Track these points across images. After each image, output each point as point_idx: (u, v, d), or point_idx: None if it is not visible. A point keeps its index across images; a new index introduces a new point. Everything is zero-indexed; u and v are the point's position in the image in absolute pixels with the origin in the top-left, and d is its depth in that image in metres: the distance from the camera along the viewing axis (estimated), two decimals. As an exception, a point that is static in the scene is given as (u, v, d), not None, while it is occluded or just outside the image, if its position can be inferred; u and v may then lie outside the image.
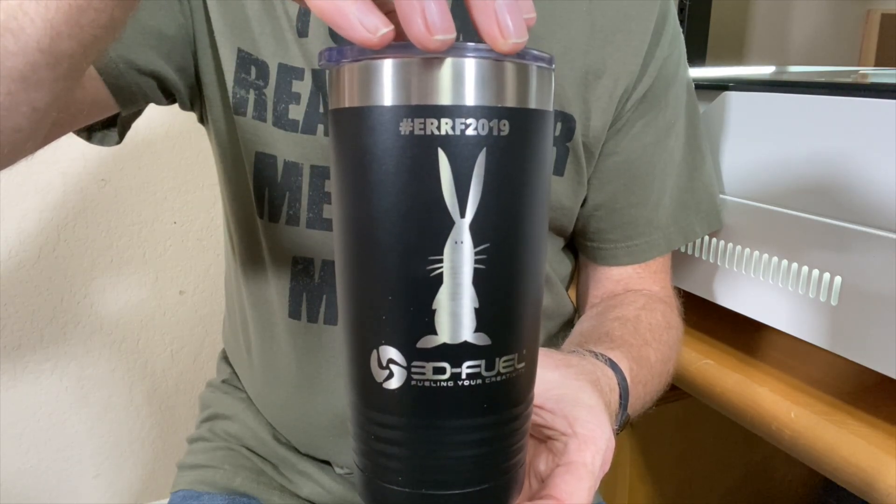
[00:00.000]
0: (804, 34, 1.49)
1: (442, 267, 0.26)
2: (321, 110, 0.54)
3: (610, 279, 0.64)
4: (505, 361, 0.28)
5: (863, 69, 1.10)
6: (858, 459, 0.52)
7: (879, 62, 1.46)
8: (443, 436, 0.28)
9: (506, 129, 0.26)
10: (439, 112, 0.25)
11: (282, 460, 0.65)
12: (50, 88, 0.36)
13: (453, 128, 0.25)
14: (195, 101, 0.58)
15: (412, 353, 0.27)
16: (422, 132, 0.25)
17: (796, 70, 0.94)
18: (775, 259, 0.61)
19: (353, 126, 0.26)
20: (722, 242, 0.67)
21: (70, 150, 1.03)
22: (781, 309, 0.61)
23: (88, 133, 0.56)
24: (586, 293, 0.67)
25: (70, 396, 1.13)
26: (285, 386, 0.61)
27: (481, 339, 0.27)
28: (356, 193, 0.27)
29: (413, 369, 0.27)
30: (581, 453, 0.35)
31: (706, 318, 0.73)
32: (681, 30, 0.62)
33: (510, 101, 0.26)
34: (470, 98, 0.25)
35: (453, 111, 0.25)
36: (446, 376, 0.27)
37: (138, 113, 0.58)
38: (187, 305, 1.18)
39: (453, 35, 0.24)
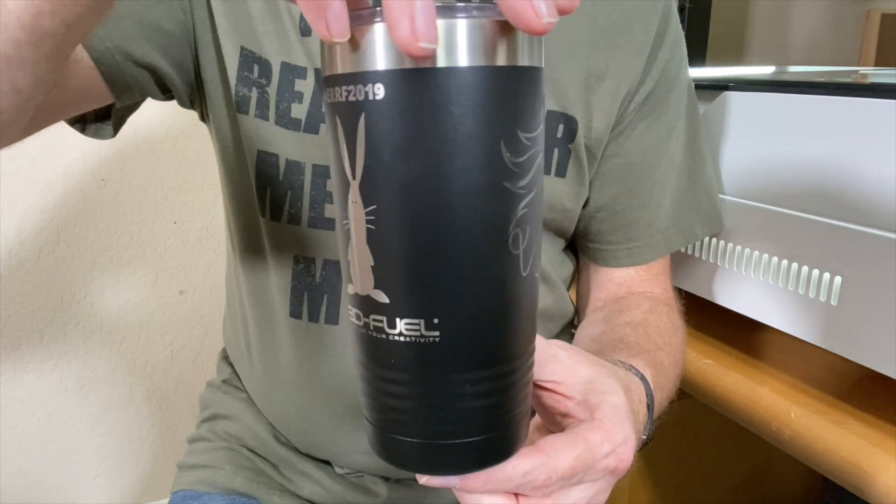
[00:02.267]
0: (804, 34, 1.49)
1: (348, 223, 0.28)
2: (323, 109, 0.54)
3: (612, 282, 0.64)
4: (407, 325, 0.28)
5: (863, 69, 1.10)
6: (858, 459, 0.52)
7: (879, 62, 1.46)
8: (372, 379, 0.31)
9: (381, 93, 0.25)
10: (331, 81, 0.27)
11: (282, 460, 0.65)
12: (33, 68, 0.35)
13: (341, 94, 0.26)
14: (195, 98, 0.58)
15: (347, 297, 0.31)
16: (330, 100, 0.27)
17: (796, 70, 0.94)
18: (775, 259, 0.61)
19: None
20: (722, 242, 0.67)
21: (70, 150, 1.03)
22: (781, 309, 0.61)
23: (82, 125, 0.56)
24: (588, 295, 0.67)
25: (70, 396, 1.13)
26: (286, 385, 0.61)
27: (381, 297, 0.28)
28: None
29: (349, 310, 0.31)
30: (589, 432, 0.35)
31: (706, 319, 0.73)
32: (682, 31, 0.62)
33: (381, 65, 0.25)
34: (345, 66, 0.26)
35: (338, 80, 0.26)
36: (360, 323, 0.30)
37: (134, 107, 0.57)
38: (187, 305, 1.18)
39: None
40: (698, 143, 0.65)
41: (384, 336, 0.29)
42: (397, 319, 0.28)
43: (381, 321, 0.29)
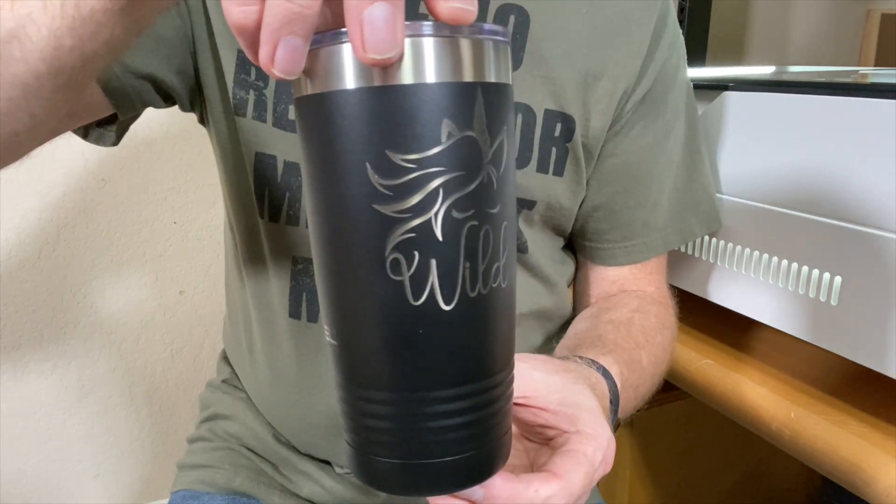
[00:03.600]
0: (804, 34, 1.49)
1: None
2: None
3: (606, 279, 0.65)
4: (326, 328, 0.31)
5: (863, 69, 1.10)
6: (858, 459, 0.52)
7: (879, 62, 1.46)
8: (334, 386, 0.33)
9: (297, 118, 0.28)
10: None
11: (282, 460, 0.65)
12: (49, 98, 0.37)
13: None
14: (195, 102, 0.58)
15: None
16: None
17: (796, 70, 0.94)
18: (775, 259, 0.61)
19: None
20: (722, 242, 0.67)
21: (70, 150, 1.03)
22: (782, 309, 0.61)
23: (85, 130, 0.56)
24: (582, 293, 0.67)
25: (70, 396, 1.13)
26: (286, 386, 0.61)
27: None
28: None
29: None
30: (582, 445, 0.36)
31: (706, 318, 0.73)
32: (680, 32, 0.62)
33: (295, 92, 0.28)
34: None
35: None
36: None
37: (136, 116, 0.58)
38: (187, 305, 1.18)
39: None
40: (697, 143, 0.65)
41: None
42: (322, 322, 0.31)
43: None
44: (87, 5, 0.33)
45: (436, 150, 0.26)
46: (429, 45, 0.25)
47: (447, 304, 0.28)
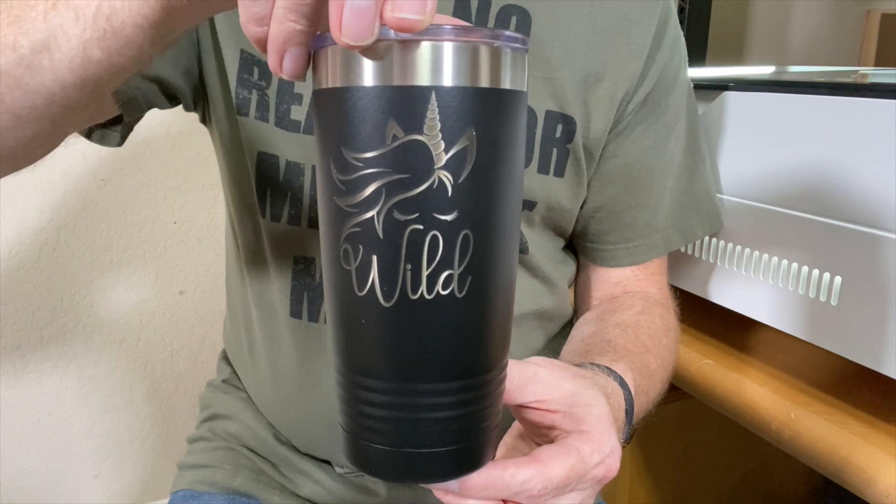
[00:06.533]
0: (804, 34, 1.49)
1: None
2: None
3: (608, 281, 0.64)
4: None
5: (863, 69, 1.10)
6: (858, 459, 0.52)
7: (879, 62, 1.46)
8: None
9: None
10: None
11: (282, 460, 0.65)
12: (72, 107, 0.38)
13: None
14: (198, 101, 0.58)
15: None
16: None
17: (796, 70, 0.94)
18: (775, 259, 0.61)
19: None
20: (722, 242, 0.67)
21: (70, 150, 1.03)
22: (781, 309, 0.61)
23: (88, 131, 0.56)
24: (584, 295, 0.67)
25: (70, 396, 1.13)
26: (286, 385, 0.61)
27: None
28: None
29: None
30: (578, 442, 0.36)
31: (706, 319, 0.73)
32: (681, 32, 0.62)
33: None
34: None
35: None
36: None
37: (140, 117, 0.58)
38: (187, 305, 1.18)
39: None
40: (697, 143, 0.65)
41: None
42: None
43: None
44: (118, 19, 0.34)
45: (380, 151, 0.27)
46: (383, 48, 0.26)
47: (386, 301, 0.28)
